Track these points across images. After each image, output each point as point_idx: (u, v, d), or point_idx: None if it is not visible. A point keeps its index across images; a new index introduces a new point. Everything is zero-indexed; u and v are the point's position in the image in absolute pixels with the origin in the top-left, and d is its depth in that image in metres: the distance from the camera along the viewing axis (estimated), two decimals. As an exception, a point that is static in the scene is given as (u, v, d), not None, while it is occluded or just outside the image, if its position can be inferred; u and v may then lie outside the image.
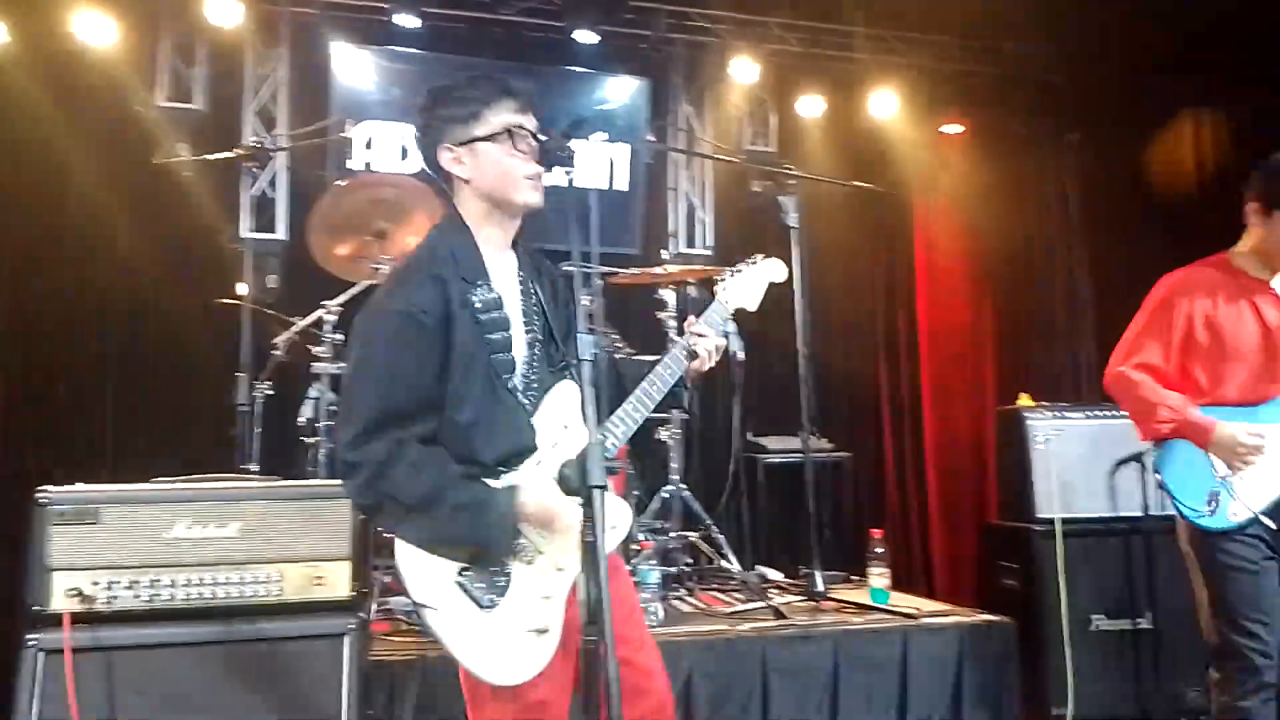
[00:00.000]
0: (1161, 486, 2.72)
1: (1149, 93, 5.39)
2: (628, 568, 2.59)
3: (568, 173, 1.77)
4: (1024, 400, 4.28)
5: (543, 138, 1.87)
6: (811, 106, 5.72)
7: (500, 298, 1.89)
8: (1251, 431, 2.56)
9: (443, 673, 1.89)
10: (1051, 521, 3.97)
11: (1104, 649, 3.91)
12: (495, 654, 1.76)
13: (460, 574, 1.79)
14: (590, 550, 1.41)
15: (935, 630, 3.35)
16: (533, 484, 1.84)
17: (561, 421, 1.92)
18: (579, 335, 1.62)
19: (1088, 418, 4.13)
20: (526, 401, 1.89)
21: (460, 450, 1.83)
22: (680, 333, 2.07)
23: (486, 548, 1.79)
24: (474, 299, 1.85)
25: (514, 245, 2.00)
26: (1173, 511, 2.73)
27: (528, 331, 1.92)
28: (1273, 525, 2.56)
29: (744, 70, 5.51)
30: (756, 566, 4.49)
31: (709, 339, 2.03)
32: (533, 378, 1.90)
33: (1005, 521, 4.26)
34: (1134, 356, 2.73)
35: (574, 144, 1.80)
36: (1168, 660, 3.84)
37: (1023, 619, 3.70)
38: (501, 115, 1.90)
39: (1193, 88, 5.47)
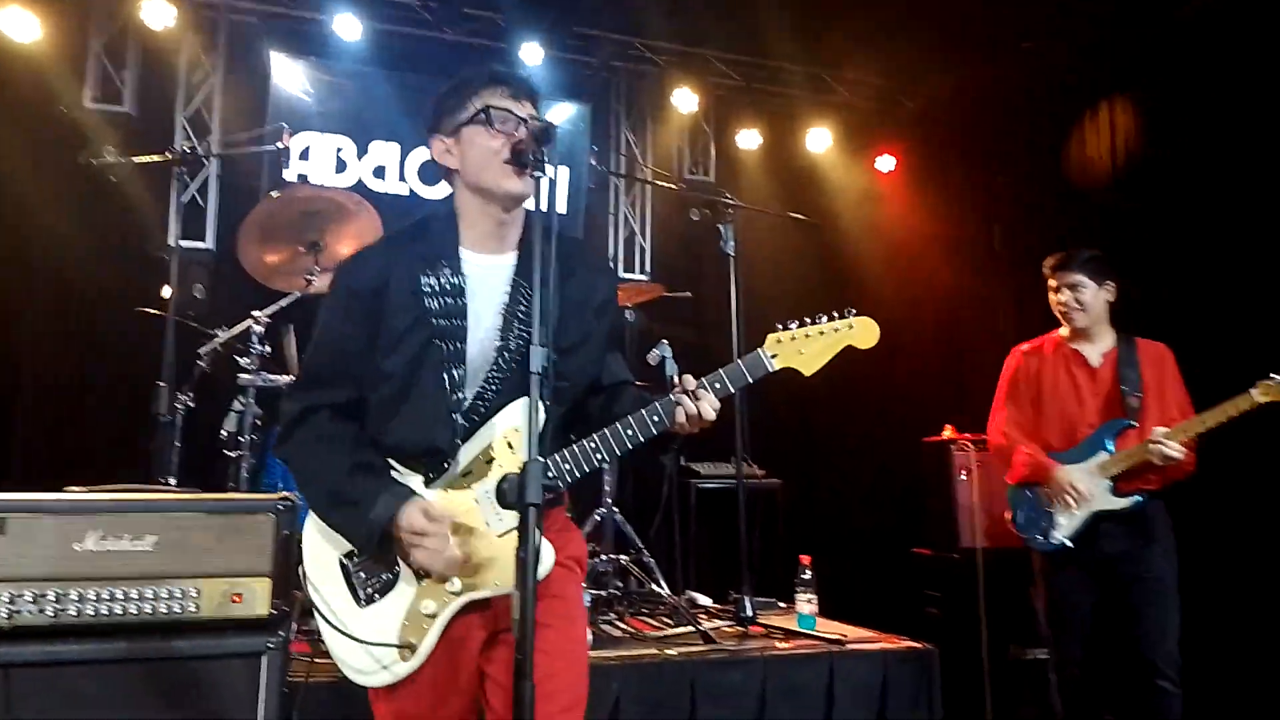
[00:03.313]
0: (1011, 521, 3.40)
1: (1068, 138, 5.62)
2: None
3: (537, 176, 1.70)
4: (949, 433, 4.38)
5: (525, 116, 1.80)
6: (749, 139, 5.84)
7: (463, 287, 1.79)
8: (1076, 485, 3.19)
9: (358, 692, 1.82)
10: (974, 551, 4.07)
11: (1023, 677, 4.00)
12: (355, 648, 1.73)
13: (347, 557, 1.77)
14: (521, 568, 1.37)
15: (860, 656, 3.38)
16: (422, 499, 1.71)
17: (509, 438, 1.77)
18: (532, 347, 1.53)
19: (1010, 450, 4.24)
20: (462, 399, 1.76)
21: (370, 429, 1.79)
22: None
23: (355, 545, 1.76)
24: (427, 281, 1.78)
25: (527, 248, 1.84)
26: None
27: (501, 336, 1.80)
28: (1072, 546, 3.21)
29: (684, 100, 5.60)
30: (687, 591, 4.49)
31: (696, 405, 1.74)
32: (491, 384, 1.78)
33: (929, 551, 4.34)
34: (997, 421, 3.50)
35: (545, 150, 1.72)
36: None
37: (945, 646, 3.77)
38: (489, 100, 1.81)
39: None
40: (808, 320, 1.84)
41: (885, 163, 6.15)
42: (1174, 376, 3.31)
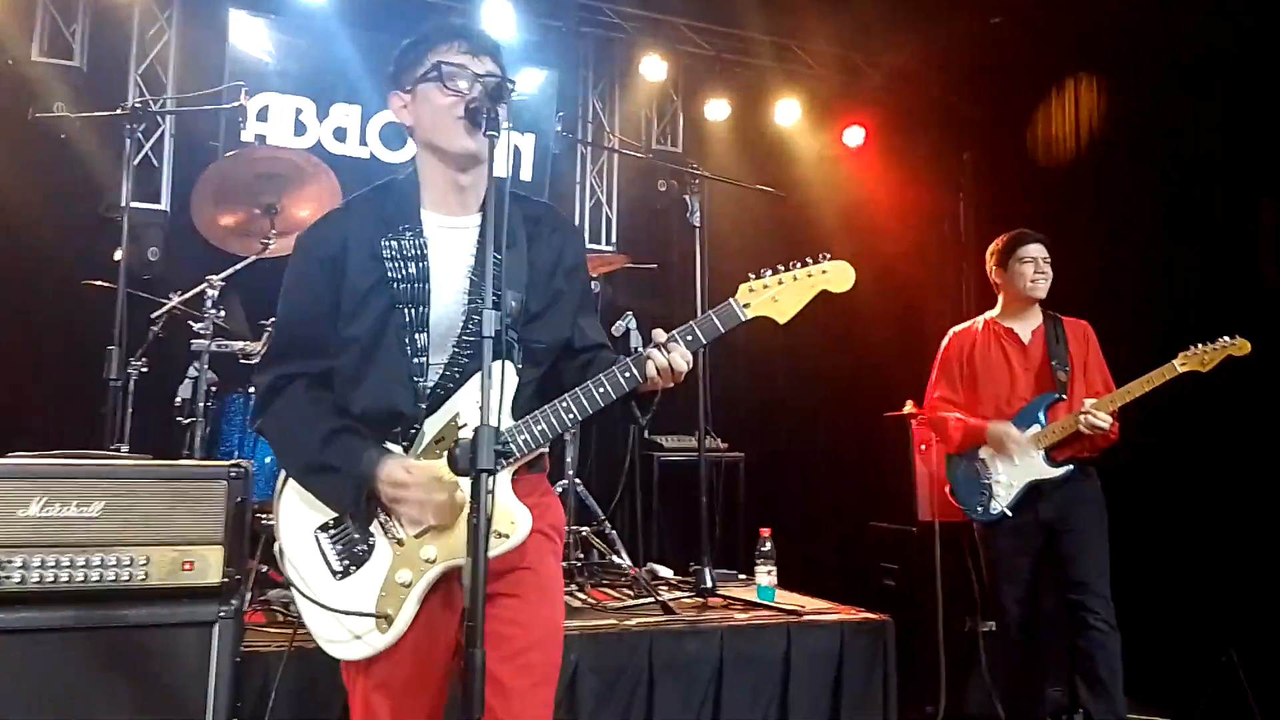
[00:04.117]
0: (951, 494, 3.54)
1: (1037, 119, 5.65)
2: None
3: (491, 135, 1.64)
4: (909, 408, 4.42)
5: (481, 73, 1.74)
6: (718, 109, 5.79)
7: (424, 251, 1.76)
8: (1010, 432, 3.34)
9: (321, 665, 1.80)
10: (931, 524, 4.12)
11: (975, 648, 4.07)
12: (331, 621, 1.70)
13: (322, 529, 1.74)
14: (474, 533, 1.35)
15: (817, 627, 3.41)
16: (401, 458, 1.70)
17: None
18: (484, 310, 1.49)
19: (969, 425, 4.30)
20: (424, 363, 1.74)
21: (339, 398, 1.77)
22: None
23: (339, 510, 1.73)
24: (387, 244, 1.75)
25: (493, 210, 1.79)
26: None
27: (469, 300, 1.75)
28: (1012, 514, 3.36)
29: (653, 68, 5.53)
30: (648, 563, 4.51)
31: (667, 356, 1.69)
32: (464, 349, 1.74)
33: (888, 524, 4.39)
34: (933, 394, 3.66)
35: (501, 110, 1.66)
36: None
37: (901, 618, 3.82)
38: (445, 56, 1.76)
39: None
40: (780, 268, 1.80)
41: (854, 135, 6.13)
42: (1096, 351, 3.51)
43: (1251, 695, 3.69)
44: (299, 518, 1.77)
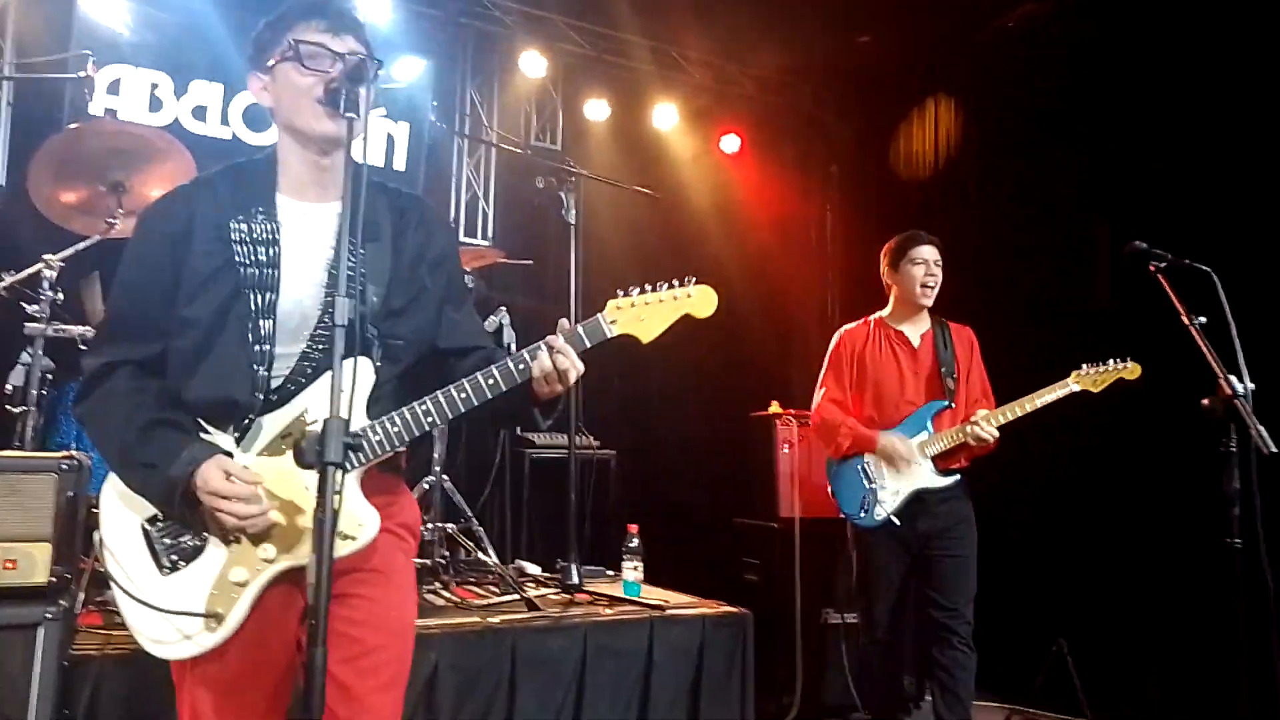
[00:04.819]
0: (833, 495, 3.52)
1: (899, 135, 5.92)
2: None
3: (350, 118, 1.56)
4: (774, 407, 4.56)
5: (342, 52, 1.67)
6: (597, 109, 5.81)
7: (276, 236, 1.69)
8: (898, 446, 3.34)
9: (156, 666, 1.70)
10: (792, 521, 4.26)
11: (832, 640, 4.23)
12: (155, 619, 1.61)
13: (150, 522, 1.64)
14: (319, 529, 1.31)
15: (680, 621, 3.47)
16: (222, 457, 1.60)
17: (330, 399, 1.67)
18: (336, 299, 1.44)
19: (830, 425, 4.47)
20: (266, 352, 1.65)
21: (170, 383, 1.67)
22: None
23: (158, 507, 1.64)
24: (237, 226, 1.67)
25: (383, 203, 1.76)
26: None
27: (328, 293, 1.66)
28: (898, 522, 3.34)
29: (532, 64, 5.51)
30: (516, 560, 4.49)
31: (550, 359, 1.67)
32: (318, 342, 1.67)
33: (751, 520, 4.51)
34: (823, 395, 3.58)
35: (362, 91, 1.58)
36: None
37: (762, 611, 3.93)
38: (304, 35, 1.69)
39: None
40: (648, 287, 1.81)
41: (730, 143, 6.28)
42: (979, 359, 3.54)
43: (1078, 680, 3.97)
44: (126, 509, 1.66)
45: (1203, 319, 2.64)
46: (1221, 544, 2.49)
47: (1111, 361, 3.24)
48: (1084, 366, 3.24)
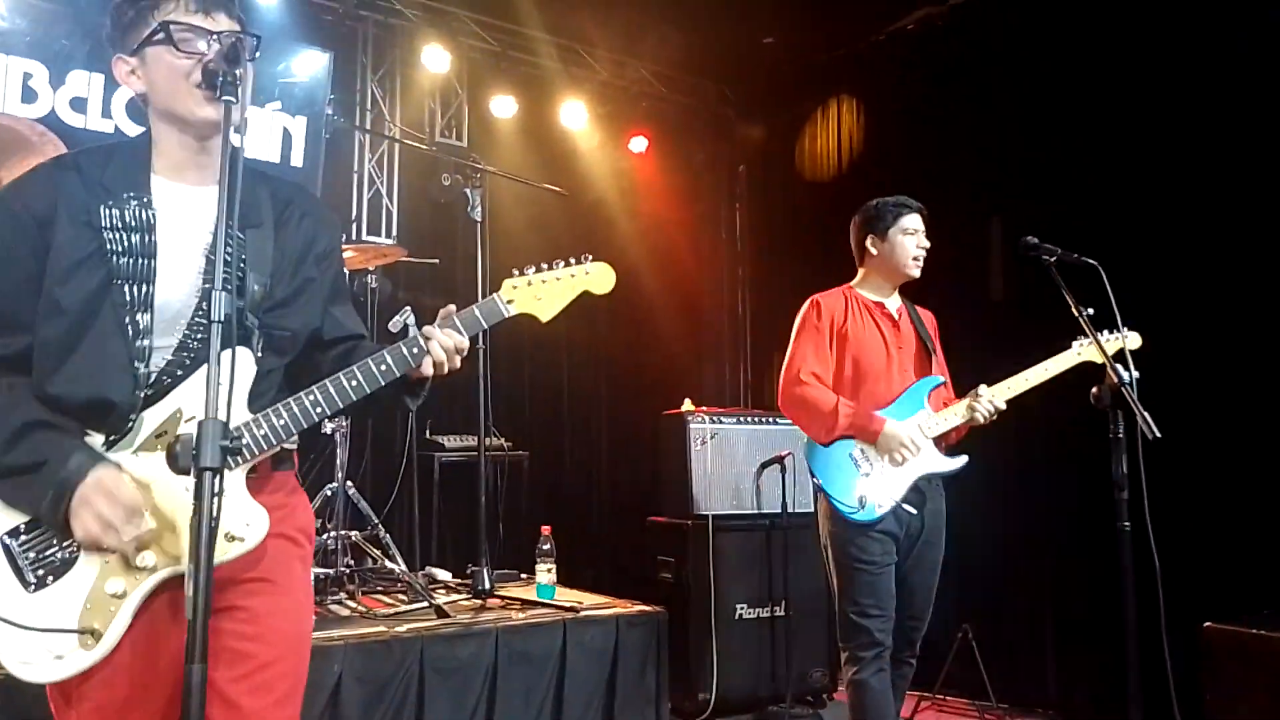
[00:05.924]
0: (819, 489, 2.95)
1: (804, 136, 6.02)
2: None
3: (228, 101, 1.48)
4: (687, 405, 4.56)
5: (215, 32, 1.58)
6: (504, 106, 5.73)
7: (153, 223, 1.58)
8: (913, 437, 2.88)
9: (34, 700, 1.57)
10: (706, 518, 4.27)
11: (746, 635, 4.26)
12: (21, 638, 1.48)
13: (11, 535, 1.51)
14: (195, 540, 1.22)
15: (594, 622, 3.44)
16: (113, 475, 1.50)
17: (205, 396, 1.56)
18: (214, 292, 1.35)
19: (740, 423, 4.52)
20: (146, 347, 1.56)
21: (35, 376, 1.54)
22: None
23: (37, 515, 1.52)
24: (107, 212, 1.56)
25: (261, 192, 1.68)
26: (808, 509, 3.08)
27: (205, 282, 1.58)
28: (913, 510, 2.89)
29: (436, 59, 5.38)
30: (426, 566, 4.38)
31: (442, 340, 1.64)
32: (195, 333, 1.58)
33: (665, 518, 4.50)
34: (801, 367, 3.00)
35: (240, 71, 1.50)
36: (798, 645, 4.28)
37: (677, 609, 3.93)
38: (172, 14, 1.59)
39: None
40: (544, 266, 1.79)
41: (638, 143, 6.27)
42: (939, 344, 3.22)
43: (983, 665, 4.08)
44: None
45: (1090, 310, 2.72)
46: (1112, 528, 2.58)
47: (1121, 329, 2.82)
48: (1081, 337, 2.86)
